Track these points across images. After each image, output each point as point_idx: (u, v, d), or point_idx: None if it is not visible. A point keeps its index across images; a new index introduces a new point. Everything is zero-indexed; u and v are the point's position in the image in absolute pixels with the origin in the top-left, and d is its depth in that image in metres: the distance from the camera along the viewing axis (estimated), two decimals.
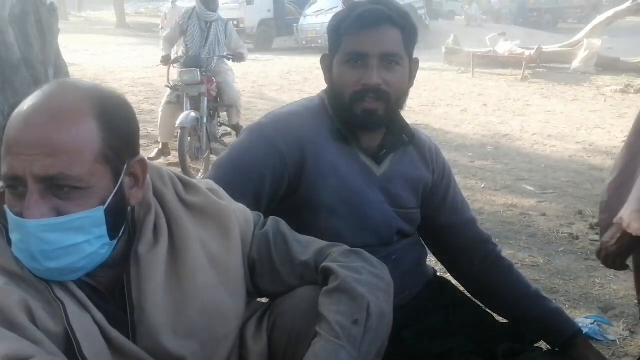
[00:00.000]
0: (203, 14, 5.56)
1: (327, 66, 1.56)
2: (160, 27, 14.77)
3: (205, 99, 5.27)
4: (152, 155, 5.52)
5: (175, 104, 5.44)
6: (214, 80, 5.45)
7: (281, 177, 1.47)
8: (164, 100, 5.63)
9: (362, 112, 1.48)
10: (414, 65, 1.55)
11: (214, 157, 5.19)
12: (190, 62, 5.25)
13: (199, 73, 5.18)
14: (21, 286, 1.01)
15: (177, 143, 5.18)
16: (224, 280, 1.19)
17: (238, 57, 5.61)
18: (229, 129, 5.94)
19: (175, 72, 5.56)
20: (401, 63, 1.49)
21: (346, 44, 1.48)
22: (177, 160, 5.23)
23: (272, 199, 1.49)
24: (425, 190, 1.65)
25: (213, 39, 5.57)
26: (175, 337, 1.13)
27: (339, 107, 1.52)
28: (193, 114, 5.06)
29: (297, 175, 1.48)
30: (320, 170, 1.49)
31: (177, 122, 4.97)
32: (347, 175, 1.51)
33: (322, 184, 1.49)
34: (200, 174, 4.99)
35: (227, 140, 5.79)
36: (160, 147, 5.68)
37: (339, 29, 1.50)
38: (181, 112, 5.29)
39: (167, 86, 5.52)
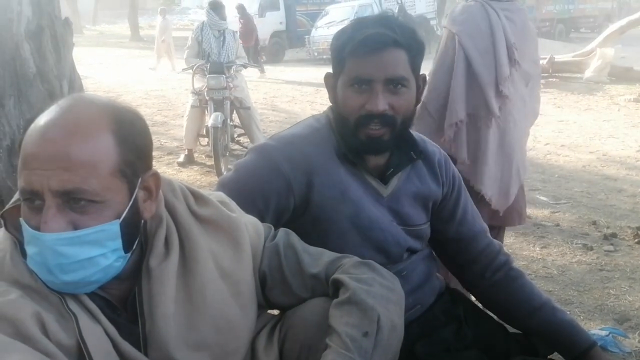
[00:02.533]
0: (217, 24, 6.03)
1: (331, 85, 1.53)
2: (162, 39, 14.89)
3: (228, 102, 5.70)
4: (181, 160, 6.01)
5: (198, 107, 5.90)
6: (231, 85, 5.77)
7: (286, 201, 1.46)
8: (189, 107, 6.02)
9: (367, 139, 1.45)
10: (421, 82, 1.52)
11: (231, 159, 5.62)
12: (216, 68, 5.67)
13: (224, 79, 5.61)
14: (34, 299, 1.03)
15: (200, 148, 6.18)
16: (234, 292, 1.19)
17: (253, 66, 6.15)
18: (243, 130, 6.27)
19: (196, 78, 5.97)
20: (407, 85, 1.45)
21: (350, 68, 1.45)
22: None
23: (276, 222, 1.47)
24: (434, 205, 1.64)
25: (227, 45, 6.03)
26: (186, 349, 1.13)
27: (344, 131, 1.49)
28: (221, 115, 5.46)
29: (304, 198, 1.46)
30: (327, 192, 1.47)
31: (210, 123, 5.44)
32: (354, 197, 1.49)
33: (329, 206, 1.47)
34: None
35: (242, 140, 6.25)
36: (186, 152, 6.08)
37: (343, 50, 1.46)
38: (203, 116, 5.91)
39: (193, 92, 5.91)
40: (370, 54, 1.42)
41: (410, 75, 1.46)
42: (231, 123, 5.89)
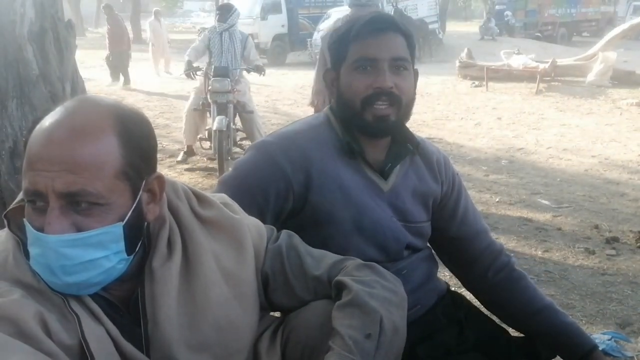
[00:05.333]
0: (217, 27, 6.07)
1: (332, 80, 1.55)
2: (150, 43, 14.70)
3: (232, 105, 5.72)
4: (179, 159, 6.09)
5: (200, 110, 5.96)
6: (235, 90, 5.80)
7: (285, 197, 1.47)
8: (188, 106, 6.09)
9: (374, 119, 1.47)
10: (415, 76, 1.55)
11: (233, 162, 5.48)
12: (221, 71, 5.69)
13: (229, 82, 5.62)
14: (37, 299, 1.02)
15: (202, 150, 6.23)
16: (237, 294, 1.19)
17: (259, 69, 6.06)
18: (245, 134, 6.29)
19: (201, 81, 6.06)
20: (409, 68, 1.50)
21: (354, 51, 1.48)
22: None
23: (277, 218, 1.48)
24: (434, 203, 1.64)
25: (226, 47, 6.00)
26: (188, 350, 1.13)
27: (349, 115, 1.51)
28: (225, 119, 5.51)
29: (303, 194, 1.47)
30: (327, 188, 1.48)
31: (214, 126, 5.49)
32: (353, 192, 1.50)
33: (329, 202, 1.48)
34: None
35: (245, 143, 6.24)
36: (185, 149, 6.16)
37: (346, 38, 1.50)
38: (204, 118, 6.03)
39: (196, 94, 6.01)
40: (374, 34, 1.47)
41: (409, 59, 1.50)
42: (233, 126, 5.92)
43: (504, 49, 13.97)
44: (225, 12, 6.08)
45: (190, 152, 6.13)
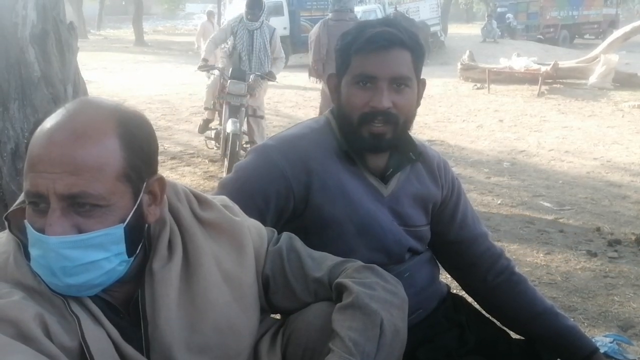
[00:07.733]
0: (247, 23, 5.91)
1: (335, 85, 1.54)
2: (196, 46, 14.49)
3: (244, 109, 5.70)
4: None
5: (211, 110, 6.15)
6: (251, 94, 5.79)
7: (286, 201, 1.47)
8: (208, 86, 6.31)
9: (370, 136, 1.46)
10: (421, 86, 1.53)
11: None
12: (239, 74, 5.65)
13: (245, 86, 5.60)
14: (37, 300, 1.03)
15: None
16: (237, 296, 1.19)
17: (270, 76, 5.96)
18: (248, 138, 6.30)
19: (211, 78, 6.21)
20: (410, 85, 1.47)
21: (356, 65, 1.46)
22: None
23: (277, 221, 1.48)
24: (434, 207, 1.63)
25: (259, 46, 5.94)
26: (188, 353, 1.13)
27: (347, 128, 1.50)
28: (238, 122, 5.54)
29: (304, 198, 1.47)
30: (327, 192, 1.47)
31: (228, 128, 5.52)
32: (354, 197, 1.49)
33: (329, 206, 1.47)
34: None
35: (249, 147, 6.13)
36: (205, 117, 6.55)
37: (349, 49, 1.47)
38: (213, 117, 6.26)
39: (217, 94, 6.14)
40: (376, 51, 1.43)
41: (413, 76, 1.48)
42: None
43: (505, 51, 13.96)
44: (257, 10, 5.83)
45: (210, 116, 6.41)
